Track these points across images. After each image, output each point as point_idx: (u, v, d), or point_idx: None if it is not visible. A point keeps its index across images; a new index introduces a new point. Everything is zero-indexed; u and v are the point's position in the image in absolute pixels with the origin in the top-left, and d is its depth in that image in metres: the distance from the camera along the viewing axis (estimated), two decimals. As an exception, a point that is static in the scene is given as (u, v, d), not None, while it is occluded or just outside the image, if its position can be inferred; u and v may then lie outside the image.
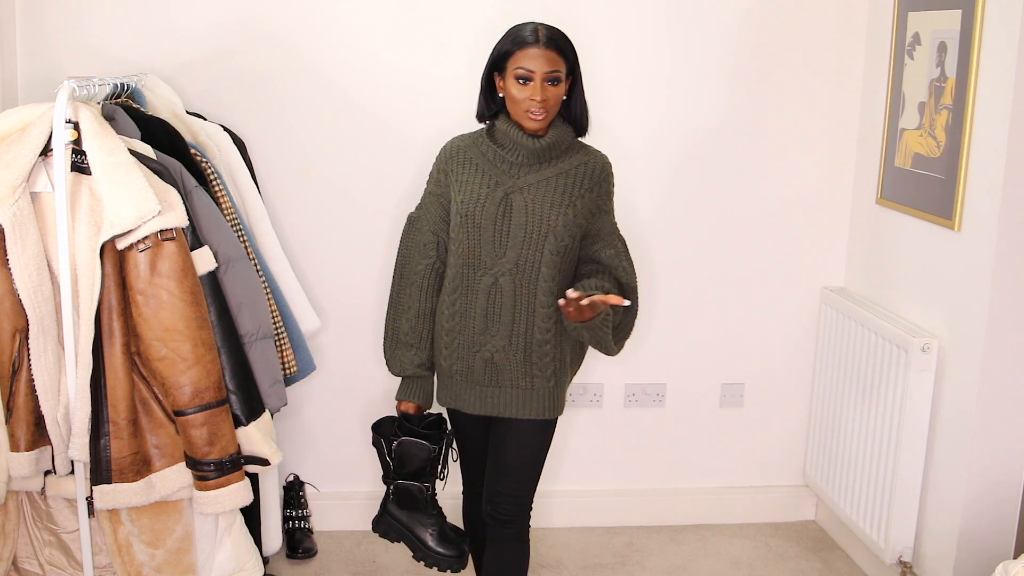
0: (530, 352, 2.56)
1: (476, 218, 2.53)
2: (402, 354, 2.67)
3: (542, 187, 2.52)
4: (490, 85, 2.57)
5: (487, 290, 2.54)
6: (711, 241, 3.54)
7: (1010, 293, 2.77)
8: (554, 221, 2.50)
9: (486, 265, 2.54)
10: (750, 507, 3.74)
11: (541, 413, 2.61)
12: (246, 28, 3.26)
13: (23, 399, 2.45)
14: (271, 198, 3.30)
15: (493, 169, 2.55)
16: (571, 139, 2.57)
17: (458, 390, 2.65)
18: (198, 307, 2.43)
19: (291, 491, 3.50)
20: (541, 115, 2.47)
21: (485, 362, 2.58)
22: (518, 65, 2.45)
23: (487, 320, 2.56)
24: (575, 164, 2.56)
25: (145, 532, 2.57)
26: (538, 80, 2.44)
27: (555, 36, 2.47)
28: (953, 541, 2.93)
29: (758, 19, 3.41)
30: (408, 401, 2.69)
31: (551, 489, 3.62)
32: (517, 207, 2.51)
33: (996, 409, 2.84)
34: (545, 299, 2.53)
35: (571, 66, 2.51)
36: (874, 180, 3.37)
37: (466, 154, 2.60)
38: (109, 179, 2.34)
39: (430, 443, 2.65)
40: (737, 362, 3.65)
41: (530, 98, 2.45)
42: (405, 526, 2.73)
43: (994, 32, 2.73)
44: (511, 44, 2.48)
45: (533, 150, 2.52)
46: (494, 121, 2.58)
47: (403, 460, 2.67)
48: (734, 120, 3.46)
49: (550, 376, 2.59)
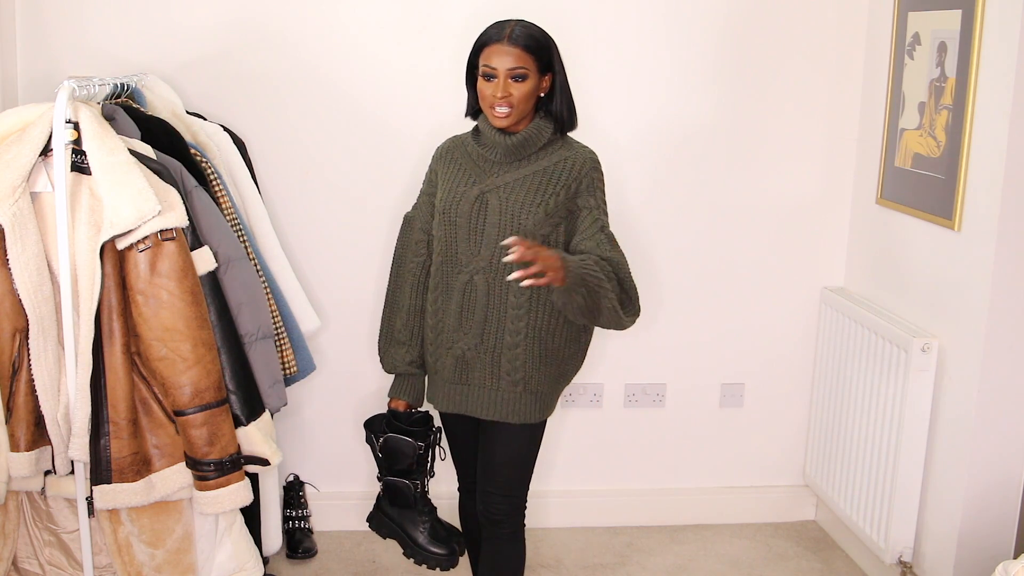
0: (499, 354, 2.56)
1: (452, 216, 2.55)
2: (394, 352, 2.70)
3: (517, 186, 2.52)
4: (473, 83, 2.58)
5: (462, 288, 2.56)
6: (711, 241, 3.54)
7: (1010, 293, 2.77)
8: (524, 220, 2.50)
9: (462, 263, 2.56)
10: (750, 507, 3.74)
11: (506, 416, 2.58)
12: (246, 28, 3.26)
13: (23, 399, 2.45)
14: (271, 198, 3.30)
15: (474, 168, 2.57)
16: (549, 135, 2.54)
17: (434, 387, 2.68)
18: (198, 307, 2.43)
19: (291, 491, 3.50)
20: (504, 112, 2.46)
21: (456, 359, 2.59)
22: (484, 62, 2.47)
23: (461, 318, 2.57)
24: (555, 161, 2.54)
25: (145, 532, 2.57)
26: (501, 76, 2.44)
27: (523, 34, 2.46)
28: (953, 541, 2.93)
29: (758, 19, 3.40)
30: (398, 399, 2.72)
31: (551, 489, 3.62)
32: (492, 206, 2.52)
33: (996, 409, 2.84)
34: (516, 300, 2.53)
35: (545, 63, 2.49)
36: (874, 180, 3.37)
37: (452, 154, 2.63)
38: (109, 179, 2.34)
39: (415, 440, 2.67)
40: (737, 362, 3.64)
41: (492, 94, 2.46)
42: (397, 523, 2.75)
43: (994, 32, 2.73)
44: (479, 42, 2.51)
45: (507, 147, 2.52)
46: (478, 120, 2.60)
47: (390, 457, 2.69)
48: (734, 120, 3.46)
49: (518, 381, 2.56)
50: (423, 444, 2.69)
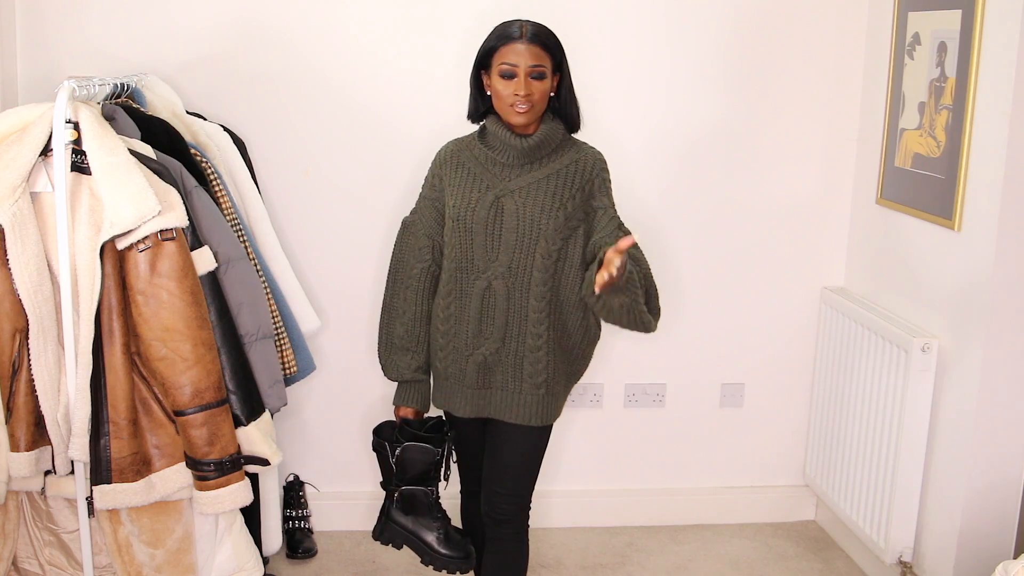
0: (522, 358, 2.56)
1: (468, 222, 2.53)
2: (398, 359, 2.67)
3: (533, 189, 2.52)
4: (479, 84, 2.57)
5: (481, 294, 2.54)
6: (711, 241, 3.54)
7: (1010, 293, 2.77)
8: (545, 225, 2.50)
9: (479, 269, 2.54)
10: (750, 507, 3.74)
11: (528, 419, 2.59)
12: (246, 28, 3.26)
13: (23, 399, 2.45)
14: (271, 198, 3.30)
15: (484, 172, 2.55)
16: (561, 136, 2.56)
17: (451, 393, 2.64)
18: (198, 307, 2.43)
19: (291, 491, 3.50)
20: (525, 108, 2.45)
21: (478, 365, 2.57)
22: (502, 60, 2.45)
23: (481, 323, 2.55)
24: (566, 163, 2.55)
25: (145, 532, 2.57)
26: (522, 74, 2.44)
27: (539, 32, 2.48)
28: (953, 541, 2.93)
29: (758, 19, 3.40)
30: (406, 406, 2.69)
31: (551, 489, 3.62)
32: (508, 211, 2.51)
33: (996, 409, 2.84)
34: (537, 303, 2.53)
35: (557, 63, 2.51)
36: (874, 180, 3.37)
37: (459, 158, 2.60)
38: (109, 179, 2.34)
39: (433, 447, 2.64)
40: (737, 362, 3.65)
41: (514, 93, 2.45)
42: (411, 531, 2.72)
43: (994, 32, 2.73)
44: (495, 40, 2.48)
45: (522, 149, 2.51)
46: (485, 122, 2.59)
47: (406, 466, 2.66)
48: (734, 120, 3.46)
49: (541, 384, 2.57)
50: (440, 450, 2.66)
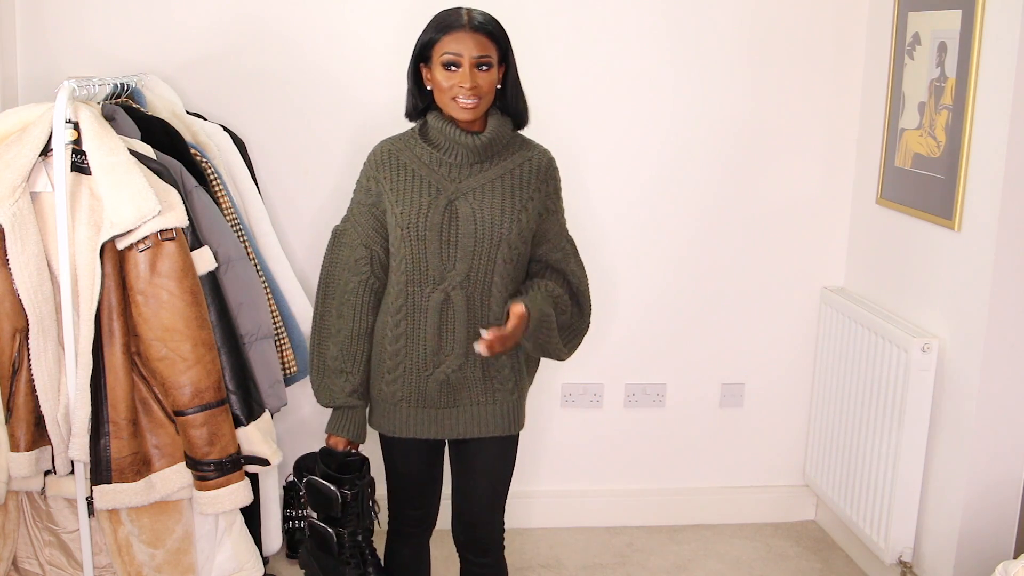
0: (488, 366, 2.39)
1: (419, 229, 2.31)
2: (331, 382, 2.43)
3: (488, 190, 2.33)
4: (417, 78, 2.37)
5: (438, 307, 2.33)
6: (711, 241, 3.54)
7: (1010, 293, 2.77)
8: (507, 229, 2.32)
9: (434, 280, 2.33)
10: (750, 507, 3.74)
11: (505, 429, 2.44)
12: (246, 28, 3.26)
13: (23, 399, 2.45)
14: (271, 198, 3.30)
15: (431, 174, 2.34)
16: (511, 133, 2.39)
17: (405, 417, 2.42)
18: (198, 307, 2.43)
19: (291, 491, 3.50)
20: (472, 103, 2.26)
21: (440, 384, 2.38)
22: (445, 50, 2.25)
23: (440, 339, 2.35)
24: (518, 162, 2.37)
25: (145, 532, 2.57)
26: (467, 65, 2.24)
27: (485, 20, 2.28)
28: (953, 541, 2.93)
29: (758, 19, 3.40)
30: (337, 435, 2.46)
31: (551, 489, 3.62)
32: (464, 214, 2.31)
33: (996, 409, 2.84)
34: (499, 310, 2.36)
35: (503, 52, 2.31)
36: (874, 180, 3.37)
37: (398, 159, 2.38)
38: (109, 179, 2.34)
39: (341, 487, 2.43)
40: (737, 362, 3.64)
41: (459, 85, 2.24)
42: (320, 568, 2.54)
43: (994, 32, 2.73)
44: (435, 31, 2.28)
45: (472, 148, 2.32)
46: (425, 119, 2.39)
47: (315, 501, 2.48)
48: (734, 120, 3.46)
49: (512, 389, 2.43)
50: (349, 492, 2.43)
